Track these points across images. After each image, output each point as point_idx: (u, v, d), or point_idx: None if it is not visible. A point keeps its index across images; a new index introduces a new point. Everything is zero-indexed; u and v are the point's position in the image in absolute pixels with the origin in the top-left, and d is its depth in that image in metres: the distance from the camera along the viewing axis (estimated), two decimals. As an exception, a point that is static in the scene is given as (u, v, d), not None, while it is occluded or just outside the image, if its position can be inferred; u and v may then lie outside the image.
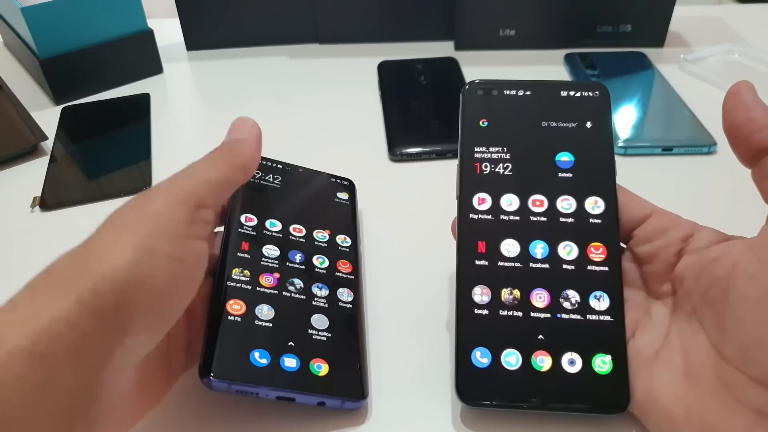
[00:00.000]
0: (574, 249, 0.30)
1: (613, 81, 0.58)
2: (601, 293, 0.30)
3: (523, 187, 0.31)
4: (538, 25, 0.63)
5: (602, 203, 0.31)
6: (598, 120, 0.32)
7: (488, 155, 0.32)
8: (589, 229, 0.31)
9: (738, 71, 0.59)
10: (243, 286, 0.32)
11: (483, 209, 0.31)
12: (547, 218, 0.31)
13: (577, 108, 0.33)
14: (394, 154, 0.50)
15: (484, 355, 0.29)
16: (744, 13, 0.73)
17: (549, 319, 0.29)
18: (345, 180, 0.43)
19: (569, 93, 0.33)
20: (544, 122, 0.33)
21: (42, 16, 0.55)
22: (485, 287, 0.30)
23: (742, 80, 0.28)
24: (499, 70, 0.61)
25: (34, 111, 0.55)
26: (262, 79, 0.62)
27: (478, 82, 0.34)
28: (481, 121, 0.33)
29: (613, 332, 0.29)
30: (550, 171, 0.32)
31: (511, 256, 0.30)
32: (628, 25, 0.63)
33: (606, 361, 0.28)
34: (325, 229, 0.37)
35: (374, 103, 0.57)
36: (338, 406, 0.30)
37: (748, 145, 0.27)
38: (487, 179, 0.32)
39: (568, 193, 0.31)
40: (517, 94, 0.33)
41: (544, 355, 0.29)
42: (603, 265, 0.30)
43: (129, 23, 0.59)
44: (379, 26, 0.66)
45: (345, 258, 0.36)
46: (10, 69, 0.64)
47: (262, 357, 0.30)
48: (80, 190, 0.47)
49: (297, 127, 0.54)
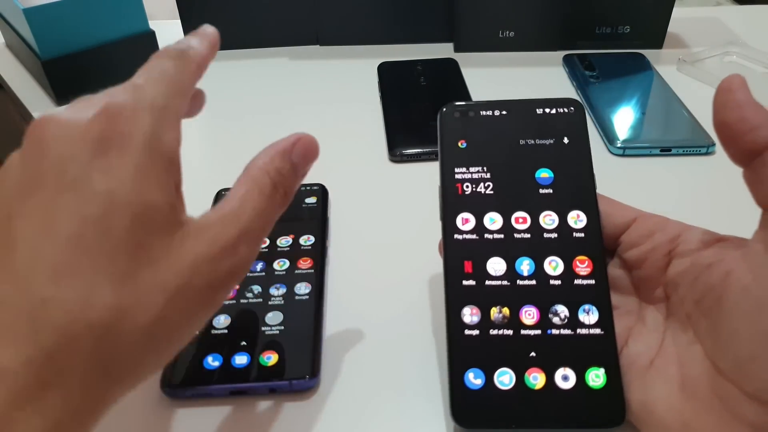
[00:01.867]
0: (560, 264, 0.30)
1: (611, 82, 0.58)
2: (589, 306, 0.30)
3: (505, 205, 0.32)
4: (538, 26, 0.63)
5: (584, 217, 0.31)
6: (575, 135, 0.33)
7: (469, 175, 0.32)
8: (573, 244, 0.31)
9: (736, 72, 0.59)
10: None
11: (467, 229, 0.31)
12: (531, 235, 0.31)
13: (553, 125, 0.33)
14: (394, 154, 0.50)
15: (477, 376, 0.29)
16: (742, 14, 0.73)
17: (540, 336, 0.29)
18: (315, 185, 0.45)
19: (544, 110, 0.34)
20: (522, 140, 0.33)
21: (44, 17, 0.55)
22: (474, 307, 0.30)
23: (733, 74, 0.27)
24: (499, 71, 0.62)
25: (36, 112, 0.56)
26: (262, 80, 0.62)
27: (454, 105, 0.34)
28: (459, 143, 0.33)
29: (604, 345, 0.29)
30: (530, 188, 0.32)
31: (498, 274, 0.30)
32: (626, 26, 0.63)
33: (599, 375, 0.28)
34: (289, 235, 0.40)
35: (374, 104, 0.57)
36: (287, 387, 0.32)
37: (740, 146, 0.26)
38: (469, 199, 0.32)
39: (549, 208, 0.31)
40: (494, 114, 0.34)
41: (537, 372, 0.29)
42: (589, 279, 0.30)
43: (131, 24, 0.59)
44: (380, 28, 0.66)
45: (306, 255, 0.38)
46: (12, 70, 0.65)
47: (214, 360, 0.32)
48: (82, 191, 0.48)
49: (297, 128, 0.54)
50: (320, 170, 0.50)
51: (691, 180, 0.47)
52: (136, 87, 0.25)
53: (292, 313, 0.35)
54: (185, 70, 0.28)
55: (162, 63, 0.27)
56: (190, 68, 0.28)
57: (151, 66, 0.27)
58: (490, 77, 0.61)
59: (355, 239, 0.42)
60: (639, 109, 0.54)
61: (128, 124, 0.24)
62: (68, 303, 0.20)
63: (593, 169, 0.32)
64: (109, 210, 0.22)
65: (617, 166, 0.49)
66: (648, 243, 0.30)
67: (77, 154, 0.22)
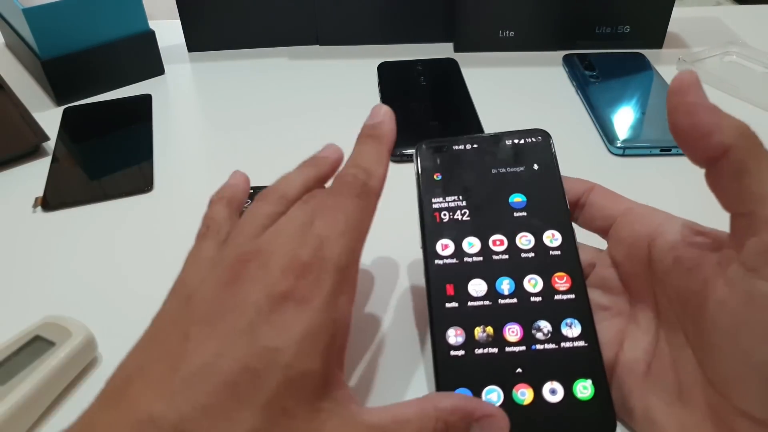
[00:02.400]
0: (539, 281, 0.31)
1: (611, 82, 0.58)
2: (571, 320, 0.30)
3: (482, 229, 0.33)
4: (538, 26, 0.63)
5: (559, 236, 0.32)
6: (544, 162, 0.34)
7: (445, 204, 0.34)
8: (551, 261, 0.31)
9: (736, 72, 0.59)
10: None
11: (446, 254, 0.32)
12: (509, 255, 0.32)
13: (522, 154, 0.35)
14: (394, 154, 0.50)
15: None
16: (742, 14, 0.73)
17: (524, 352, 0.29)
18: None
19: (513, 141, 0.35)
20: (494, 169, 0.34)
21: (43, 17, 0.55)
22: (458, 328, 0.30)
23: (684, 72, 0.25)
24: (499, 71, 0.62)
25: (36, 112, 0.56)
26: (262, 80, 0.62)
27: (429, 141, 0.36)
28: (435, 175, 0.35)
29: (589, 356, 0.29)
30: (505, 212, 0.33)
31: (479, 295, 0.31)
32: (626, 26, 0.63)
33: (587, 386, 0.28)
34: None
35: (374, 104, 0.57)
36: None
37: (695, 152, 0.25)
38: (446, 227, 0.33)
39: (525, 230, 0.32)
40: (465, 147, 0.35)
41: (525, 387, 0.29)
42: (569, 293, 0.31)
43: (130, 24, 0.59)
44: (379, 28, 0.66)
45: None
46: (12, 70, 0.65)
47: None
48: (82, 191, 0.48)
49: (297, 127, 0.55)
50: (320, 170, 0.50)
51: (691, 180, 0.47)
52: (321, 242, 0.26)
53: None
54: (368, 210, 0.28)
55: (346, 205, 0.27)
56: (373, 205, 0.29)
57: (333, 208, 0.27)
58: (490, 77, 0.61)
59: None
60: (639, 109, 0.54)
61: (310, 287, 0.25)
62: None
63: (564, 192, 0.33)
64: (268, 368, 0.23)
65: (617, 166, 0.49)
66: (630, 236, 0.30)
67: (260, 302, 0.24)
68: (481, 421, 0.26)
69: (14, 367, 0.31)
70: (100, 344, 0.34)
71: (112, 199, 0.47)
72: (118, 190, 0.48)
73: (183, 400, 0.22)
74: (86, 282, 0.40)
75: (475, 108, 0.55)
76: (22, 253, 0.43)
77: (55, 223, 0.45)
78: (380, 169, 0.29)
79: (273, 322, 0.24)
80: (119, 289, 0.39)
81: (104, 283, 0.40)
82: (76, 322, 0.34)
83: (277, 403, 0.23)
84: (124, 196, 0.47)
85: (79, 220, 0.45)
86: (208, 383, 0.22)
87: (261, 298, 0.24)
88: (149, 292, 0.39)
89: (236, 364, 0.23)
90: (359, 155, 0.30)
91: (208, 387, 0.22)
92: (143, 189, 0.48)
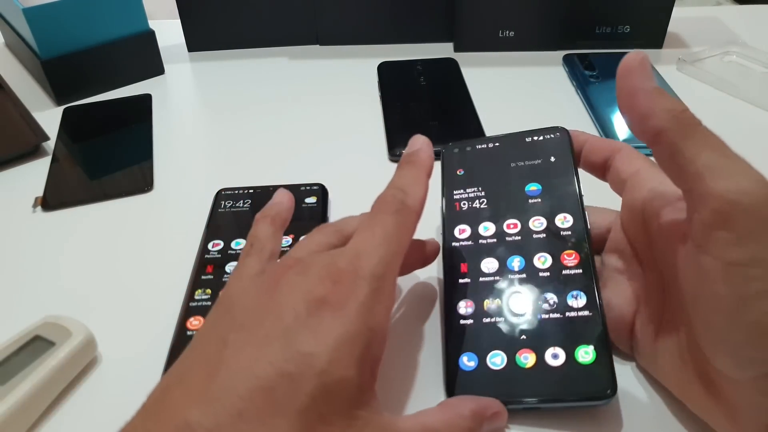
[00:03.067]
0: (549, 259, 0.33)
1: (611, 82, 0.58)
2: (577, 292, 0.31)
3: (498, 215, 0.35)
4: (538, 26, 0.63)
5: (570, 218, 0.33)
6: (560, 154, 0.36)
7: (465, 195, 0.36)
8: (561, 240, 0.33)
9: (736, 72, 0.59)
10: (203, 304, 0.36)
11: (463, 237, 0.35)
12: (521, 237, 0.34)
13: (540, 148, 0.36)
14: (394, 154, 0.50)
15: (470, 359, 0.31)
16: (742, 14, 0.73)
17: (530, 320, 0.31)
18: (315, 185, 0.45)
19: (533, 138, 0.37)
20: (513, 163, 0.36)
21: (43, 17, 0.55)
22: (469, 301, 0.33)
23: (632, 54, 0.26)
24: (499, 71, 0.62)
25: (36, 111, 0.56)
26: (262, 80, 0.62)
27: (454, 143, 0.39)
28: (458, 171, 0.38)
29: (593, 324, 0.30)
30: (521, 199, 0.35)
31: (491, 271, 0.33)
32: (626, 26, 0.63)
33: (588, 351, 0.29)
34: (288, 234, 0.40)
35: (374, 103, 0.57)
36: None
37: (639, 136, 0.26)
38: (465, 214, 0.36)
39: (538, 214, 0.34)
40: (488, 146, 0.38)
41: (528, 352, 0.30)
42: (577, 269, 0.32)
43: (130, 24, 0.59)
44: (379, 28, 0.66)
45: None
46: (12, 69, 0.65)
47: None
48: (82, 190, 0.48)
49: (297, 127, 0.55)
50: (320, 170, 0.50)
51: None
52: (358, 253, 0.26)
53: None
54: (405, 226, 0.29)
55: (384, 220, 0.28)
56: (411, 222, 0.29)
57: (372, 224, 0.28)
58: (490, 77, 0.61)
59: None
60: (639, 109, 0.54)
61: (347, 293, 0.25)
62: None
63: (578, 180, 0.34)
64: (304, 373, 0.23)
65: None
66: (629, 200, 0.31)
67: (298, 307, 0.25)
68: (491, 418, 0.28)
69: (14, 367, 0.31)
70: (100, 344, 0.34)
71: (112, 198, 0.47)
72: (118, 190, 0.48)
73: (219, 406, 0.22)
74: (86, 282, 0.40)
75: (475, 108, 0.55)
76: (22, 253, 0.42)
77: (55, 223, 0.45)
78: (419, 189, 0.30)
79: (309, 327, 0.24)
80: (119, 288, 0.39)
81: (104, 283, 0.40)
82: (76, 322, 0.34)
83: (313, 409, 0.23)
84: (124, 196, 0.47)
85: (79, 220, 0.45)
86: (243, 388, 0.22)
87: (299, 303, 0.25)
88: (149, 292, 0.39)
89: (271, 368, 0.23)
90: (398, 178, 0.31)
91: (243, 392, 0.22)
92: (143, 189, 0.48)
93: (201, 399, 0.23)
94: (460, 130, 0.53)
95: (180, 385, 0.24)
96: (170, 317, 0.36)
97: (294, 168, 0.49)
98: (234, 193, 0.45)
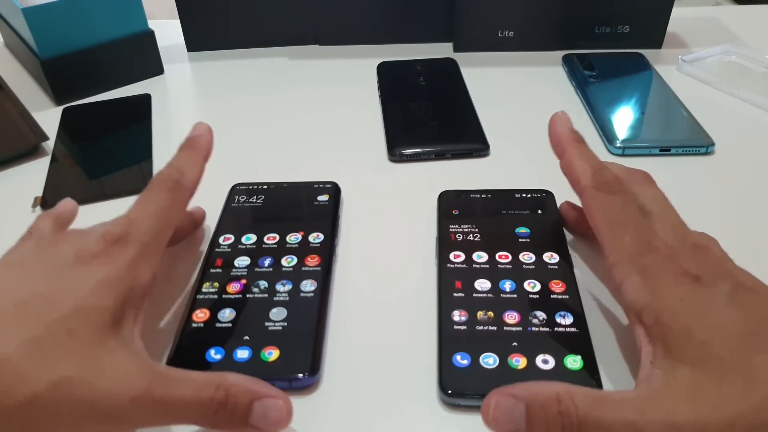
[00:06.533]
0: (538, 284, 0.36)
1: (611, 82, 0.58)
2: (564, 313, 0.34)
3: (490, 247, 0.39)
4: (537, 26, 0.63)
5: (557, 256, 0.38)
6: (547, 209, 0.42)
7: (460, 229, 0.40)
8: (549, 272, 0.37)
9: (735, 72, 0.59)
10: (210, 297, 0.36)
11: (458, 261, 0.38)
12: (512, 266, 0.37)
13: (529, 202, 0.42)
14: (394, 154, 0.50)
15: (464, 358, 0.32)
16: (742, 14, 0.73)
17: (521, 332, 0.33)
18: (328, 183, 0.45)
19: (522, 195, 0.43)
20: (504, 210, 0.42)
21: (43, 17, 0.55)
22: (463, 311, 0.35)
23: (557, 116, 0.35)
24: (498, 71, 0.62)
25: (35, 111, 0.55)
26: (262, 80, 0.62)
27: (450, 190, 0.44)
28: (453, 211, 0.42)
29: (580, 339, 0.33)
30: (511, 238, 0.39)
31: (484, 290, 0.36)
32: (626, 26, 0.63)
33: (577, 360, 0.32)
34: (299, 231, 0.40)
35: (373, 103, 0.57)
36: (286, 386, 0.32)
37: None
38: (460, 243, 0.39)
39: (527, 251, 0.38)
40: (481, 196, 0.43)
41: (519, 356, 0.32)
42: (564, 295, 0.36)
43: (130, 24, 0.59)
44: (379, 27, 0.66)
45: (314, 253, 0.39)
46: (11, 69, 0.65)
47: (216, 353, 0.33)
48: (81, 190, 0.48)
49: (297, 127, 0.55)
50: (320, 170, 0.50)
51: (690, 180, 0.47)
52: (131, 221, 0.31)
53: (297, 309, 0.35)
54: (177, 203, 0.33)
55: (157, 196, 0.32)
56: (183, 198, 0.34)
57: (147, 198, 0.33)
58: (490, 77, 0.61)
59: (355, 238, 0.42)
60: (638, 109, 0.54)
61: (116, 252, 0.29)
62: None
63: (564, 230, 0.40)
64: (63, 298, 0.27)
65: (617, 166, 0.49)
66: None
67: (69, 257, 0.29)
68: (264, 400, 0.27)
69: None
70: (99, 344, 0.34)
71: (112, 198, 0.47)
72: (117, 190, 0.47)
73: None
74: (85, 282, 0.40)
75: (475, 108, 0.55)
76: (22, 253, 0.42)
77: (55, 222, 0.45)
78: (194, 171, 0.35)
79: (77, 270, 0.28)
80: (118, 288, 0.39)
81: (103, 282, 0.40)
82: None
83: (63, 323, 0.26)
84: (123, 196, 0.47)
85: (78, 219, 0.45)
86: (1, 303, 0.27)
87: (70, 255, 0.29)
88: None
89: (30, 291, 0.27)
90: (178, 159, 0.35)
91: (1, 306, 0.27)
92: (143, 189, 0.48)
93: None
94: (459, 130, 0.53)
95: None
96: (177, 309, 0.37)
97: (294, 168, 0.49)
98: (248, 188, 0.45)
